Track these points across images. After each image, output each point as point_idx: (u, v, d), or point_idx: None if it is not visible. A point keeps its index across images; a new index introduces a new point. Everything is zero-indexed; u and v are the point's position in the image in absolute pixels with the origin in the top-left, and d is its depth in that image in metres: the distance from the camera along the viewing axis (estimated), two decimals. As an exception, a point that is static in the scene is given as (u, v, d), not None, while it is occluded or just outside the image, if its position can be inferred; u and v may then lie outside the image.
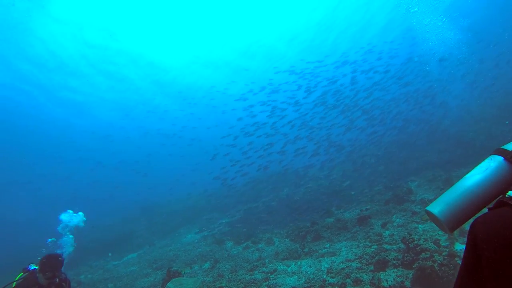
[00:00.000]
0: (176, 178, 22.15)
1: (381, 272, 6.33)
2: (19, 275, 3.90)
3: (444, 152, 13.81)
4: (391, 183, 12.73)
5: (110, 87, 25.05)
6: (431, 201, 8.89)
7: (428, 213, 2.06)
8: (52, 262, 3.70)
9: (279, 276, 7.56)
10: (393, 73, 17.19)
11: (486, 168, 1.90)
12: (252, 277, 7.82)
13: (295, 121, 16.98)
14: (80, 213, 10.96)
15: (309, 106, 17.45)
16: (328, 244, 8.97)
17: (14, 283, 3.81)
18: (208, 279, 8.34)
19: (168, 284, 6.41)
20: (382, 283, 5.72)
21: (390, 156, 16.39)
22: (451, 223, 1.93)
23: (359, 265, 6.83)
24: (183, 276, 7.38)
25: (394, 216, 9.55)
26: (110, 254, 15.61)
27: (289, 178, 19.38)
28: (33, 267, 3.94)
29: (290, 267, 8.01)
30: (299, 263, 8.14)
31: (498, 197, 1.83)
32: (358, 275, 6.31)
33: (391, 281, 5.70)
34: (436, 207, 1.99)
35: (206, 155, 21.07)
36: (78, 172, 35.90)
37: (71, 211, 11.08)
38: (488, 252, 1.70)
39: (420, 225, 8.26)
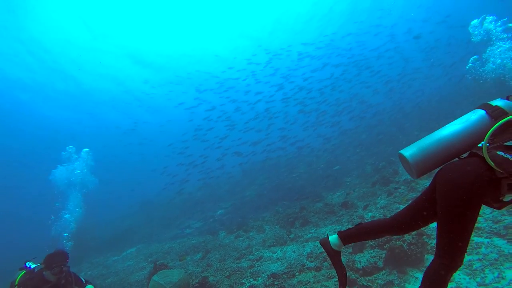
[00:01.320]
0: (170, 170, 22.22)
1: (358, 253, 6.51)
2: (20, 274, 3.86)
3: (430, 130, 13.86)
4: (379, 165, 12.85)
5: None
6: (413, 180, 8.94)
7: (400, 156, 2.13)
8: (57, 257, 3.72)
9: (264, 263, 7.77)
10: (363, 63, 17.28)
11: (466, 120, 1.96)
12: (238, 265, 8.05)
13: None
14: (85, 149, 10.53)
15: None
16: (314, 229, 9.16)
17: (17, 282, 3.76)
18: (197, 269, 8.57)
19: (154, 276, 6.63)
20: (356, 265, 5.89)
21: (378, 139, 16.49)
22: (419, 167, 1.97)
23: (338, 248, 7.00)
24: (169, 268, 7.60)
25: (379, 198, 9.72)
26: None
27: (281, 165, 19.58)
28: (32, 265, 3.95)
29: (276, 254, 8.22)
30: (284, 249, 8.36)
31: (471, 150, 1.89)
32: (336, 258, 6.49)
33: (365, 262, 5.87)
34: (408, 150, 2.05)
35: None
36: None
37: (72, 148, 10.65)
38: (441, 193, 1.80)
39: (401, 206, 8.41)
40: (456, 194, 1.73)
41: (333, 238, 2.45)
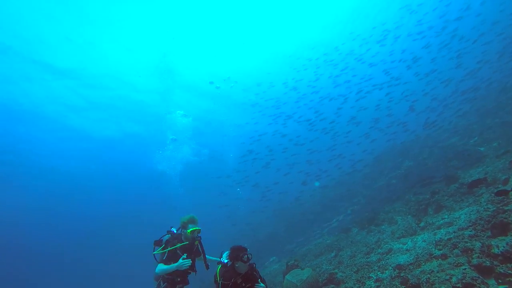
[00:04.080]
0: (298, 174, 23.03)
1: (498, 237, 5.69)
2: (219, 267, 4.42)
3: None
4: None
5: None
6: None
7: None
8: (242, 248, 4.23)
9: (393, 255, 7.56)
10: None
11: None
12: (367, 260, 8.07)
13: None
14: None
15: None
16: (447, 215, 8.27)
17: (218, 274, 4.33)
18: (329, 267, 9.01)
19: (286, 276, 7.45)
20: (493, 250, 5.21)
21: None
22: None
23: (472, 232, 6.25)
24: (300, 268, 8.31)
25: (531, 167, 8.01)
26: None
27: (411, 149, 17.94)
28: (225, 260, 4.34)
29: (406, 245, 7.85)
30: (415, 239, 7.89)
31: None
32: (468, 244, 5.84)
33: (504, 246, 5.13)
34: None
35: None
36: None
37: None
38: None
39: (561, 171, 6.79)
40: None
41: None
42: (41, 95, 19.63)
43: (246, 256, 4.04)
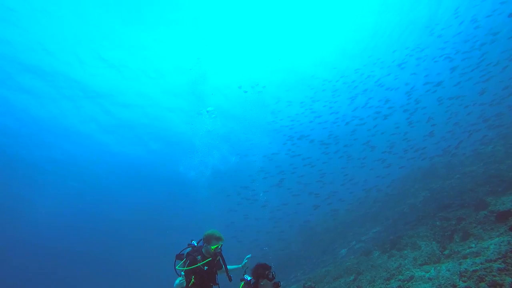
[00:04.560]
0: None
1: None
2: (241, 284, 4.29)
3: None
4: None
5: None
6: None
7: None
8: (267, 266, 4.12)
9: (415, 283, 7.36)
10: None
11: None
12: (387, 286, 7.89)
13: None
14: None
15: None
16: (475, 243, 7.97)
17: None
18: (347, 291, 8.86)
19: (304, 298, 7.42)
20: None
21: None
22: None
23: (502, 265, 5.99)
24: (317, 291, 8.22)
25: None
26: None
27: (436, 173, 17.43)
28: (248, 277, 4.23)
29: (429, 273, 7.61)
30: (438, 267, 7.64)
31: None
32: (497, 278, 5.62)
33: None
34: None
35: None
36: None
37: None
38: None
39: None
40: None
41: None
42: (75, 112, 21.06)
43: (271, 273, 3.97)
